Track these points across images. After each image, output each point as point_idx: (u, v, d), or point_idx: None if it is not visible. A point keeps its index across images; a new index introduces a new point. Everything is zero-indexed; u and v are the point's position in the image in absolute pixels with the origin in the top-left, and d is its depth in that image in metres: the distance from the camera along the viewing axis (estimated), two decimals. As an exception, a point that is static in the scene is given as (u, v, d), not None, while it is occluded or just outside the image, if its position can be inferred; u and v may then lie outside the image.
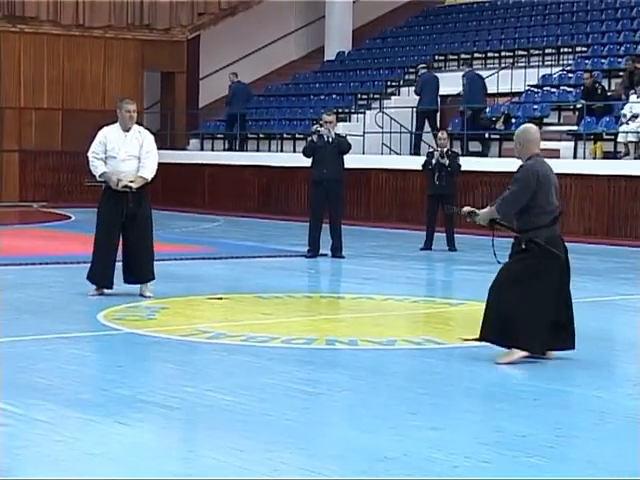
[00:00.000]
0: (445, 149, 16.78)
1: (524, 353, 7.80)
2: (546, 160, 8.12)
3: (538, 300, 7.75)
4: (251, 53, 30.63)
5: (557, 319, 7.92)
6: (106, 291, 10.86)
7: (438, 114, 23.68)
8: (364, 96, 26.13)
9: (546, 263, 7.78)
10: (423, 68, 23.75)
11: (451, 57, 26.50)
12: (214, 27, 30.12)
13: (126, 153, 10.68)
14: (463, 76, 22.79)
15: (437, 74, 24.82)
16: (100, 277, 10.80)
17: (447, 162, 16.41)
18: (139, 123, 11.03)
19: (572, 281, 8.18)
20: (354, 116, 25.25)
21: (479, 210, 8.12)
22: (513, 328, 7.73)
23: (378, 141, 23.26)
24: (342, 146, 15.35)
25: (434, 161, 16.55)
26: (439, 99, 23.55)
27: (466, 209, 8.29)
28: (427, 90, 23.03)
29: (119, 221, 10.66)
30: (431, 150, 17.66)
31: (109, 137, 10.76)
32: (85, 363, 7.64)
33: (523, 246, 7.83)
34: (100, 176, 10.80)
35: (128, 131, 10.74)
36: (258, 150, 26.47)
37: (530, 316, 7.73)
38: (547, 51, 24.73)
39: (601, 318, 10.46)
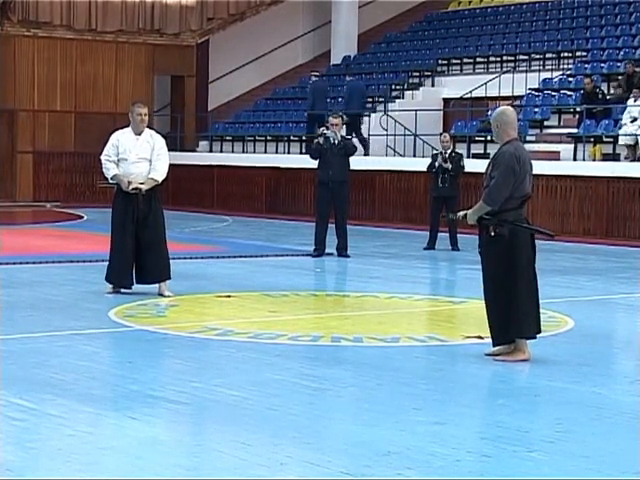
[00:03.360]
0: (449, 151, 16.90)
1: (526, 355, 7.89)
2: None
3: (523, 289, 7.76)
4: (259, 57, 30.70)
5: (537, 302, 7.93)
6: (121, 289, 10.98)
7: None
8: (369, 99, 26.20)
9: (514, 249, 7.70)
10: (314, 76, 25.11)
11: (454, 61, 26.61)
12: (223, 32, 30.22)
13: (137, 156, 10.80)
14: (345, 84, 24.47)
15: (440, 78, 25.08)
16: (119, 278, 10.87)
17: (450, 166, 16.56)
18: (150, 126, 11.16)
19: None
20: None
21: (468, 211, 8.06)
22: (510, 323, 7.80)
23: (383, 143, 23.39)
24: (348, 148, 15.45)
25: (437, 164, 16.68)
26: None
27: (461, 213, 8.28)
28: (318, 96, 24.52)
29: (132, 222, 10.78)
30: (435, 152, 17.76)
31: (121, 140, 10.88)
32: (97, 359, 7.68)
33: (492, 233, 7.74)
34: (112, 178, 10.92)
35: (140, 134, 10.85)
36: (266, 152, 26.57)
37: (521, 306, 7.77)
38: (548, 56, 24.86)
39: (600, 316, 10.51)
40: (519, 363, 7.81)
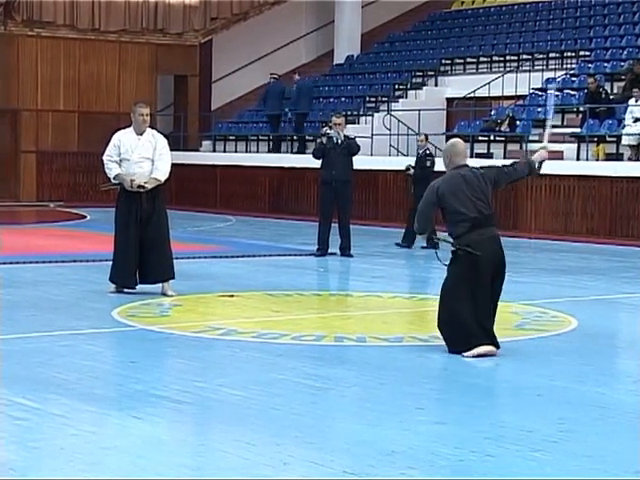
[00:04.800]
0: (421, 151, 17.18)
1: (486, 348, 7.94)
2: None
3: (469, 304, 7.95)
4: (262, 57, 30.71)
5: (484, 320, 8.04)
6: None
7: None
8: (372, 99, 26.22)
9: (474, 268, 7.96)
10: (272, 78, 26.02)
11: (457, 61, 26.61)
12: (226, 31, 30.24)
13: (139, 155, 10.81)
14: (294, 83, 25.15)
15: (444, 77, 25.10)
16: (123, 278, 10.87)
17: (412, 172, 16.90)
18: (153, 126, 11.16)
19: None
20: (362, 118, 25.32)
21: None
22: (462, 329, 7.94)
23: (386, 143, 23.39)
24: (351, 148, 15.46)
25: (411, 172, 16.97)
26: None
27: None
28: (271, 97, 25.64)
29: (136, 222, 10.78)
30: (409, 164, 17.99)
31: (123, 140, 10.89)
32: (100, 359, 7.70)
33: (451, 252, 8.14)
34: (114, 178, 10.93)
35: (142, 134, 10.86)
36: (269, 151, 26.59)
37: (465, 319, 7.96)
38: (551, 55, 24.86)
39: (604, 316, 10.50)
40: (520, 363, 7.80)
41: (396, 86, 26.34)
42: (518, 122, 21.67)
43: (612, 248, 17.71)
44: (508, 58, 25.49)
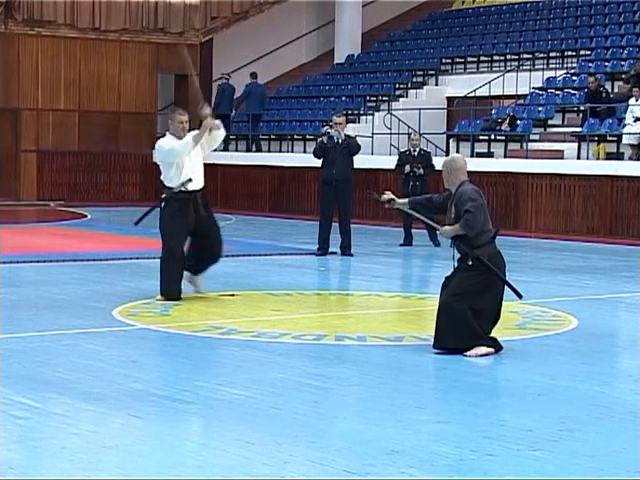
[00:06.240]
0: (417, 149, 17.16)
1: (489, 349, 7.99)
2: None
3: (480, 313, 8.03)
4: (263, 56, 30.70)
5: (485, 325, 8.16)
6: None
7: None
8: (373, 98, 26.23)
9: (489, 279, 8.08)
10: (224, 78, 26.52)
11: (458, 60, 26.62)
12: (227, 30, 30.23)
13: (190, 158, 10.63)
14: (247, 85, 25.89)
15: (444, 77, 25.10)
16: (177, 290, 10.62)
17: (423, 171, 16.76)
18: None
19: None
20: (363, 118, 25.34)
21: (446, 227, 8.29)
22: (468, 329, 7.97)
23: (386, 142, 23.40)
24: (352, 147, 15.46)
25: (407, 169, 16.88)
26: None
27: (386, 197, 8.66)
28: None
29: (188, 231, 10.57)
30: (404, 150, 17.86)
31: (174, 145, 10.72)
32: (100, 358, 7.69)
33: (470, 262, 8.11)
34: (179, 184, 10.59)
35: (181, 139, 10.74)
36: (270, 151, 26.60)
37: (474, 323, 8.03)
38: (552, 54, 24.87)
39: (604, 315, 10.52)
40: (521, 362, 7.81)
41: (397, 85, 26.36)
42: (519, 121, 21.70)
43: (612, 247, 17.71)
44: (509, 57, 25.50)
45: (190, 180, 10.57)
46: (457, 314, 8.00)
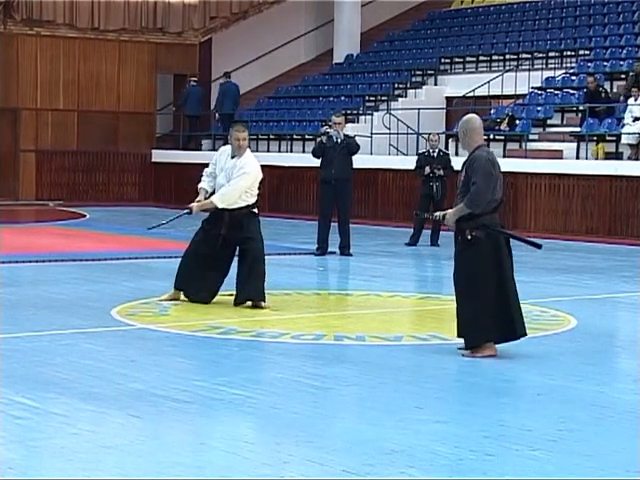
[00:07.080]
0: (437, 150, 17.20)
1: (492, 351, 7.92)
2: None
3: (491, 293, 7.83)
4: (262, 56, 30.71)
5: (509, 308, 7.93)
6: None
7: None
8: (372, 98, 26.23)
9: (494, 248, 7.82)
10: (192, 82, 26.84)
11: (457, 60, 26.63)
12: (226, 30, 30.23)
13: (223, 178, 10.62)
14: (221, 84, 26.29)
15: (443, 76, 25.10)
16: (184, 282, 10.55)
17: (443, 172, 16.77)
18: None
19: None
20: (362, 117, 25.34)
21: (449, 211, 8.08)
22: (478, 325, 7.88)
23: (385, 142, 23.41)
24: (351, 147, 15.46)
25: (427, 170, 16.90)
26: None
27: (438, 214, 8.35)
28: (192, 99, 26.97)
29: (212, 244, 10.57)
30: (423, 152, 17.89)
31: (220, 157, 10.71)
32: (99, 358, 7.70)
33: (468, 237, 7.84)
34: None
35: (234, 157, 10.51)
36: (268, 151, 26.59)
37: (490, 309, 7.82)
38: (550, 54, 24.88)
39: (603, 315, 10.53)
40: (521, 362, 7.82)
41: (396, 85, 26.36)
42: (518, 121, 21.71)
43: (611, 247, 17.73)
44: (508, 57, 25.50)
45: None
46: (464, 309, 7.92)
